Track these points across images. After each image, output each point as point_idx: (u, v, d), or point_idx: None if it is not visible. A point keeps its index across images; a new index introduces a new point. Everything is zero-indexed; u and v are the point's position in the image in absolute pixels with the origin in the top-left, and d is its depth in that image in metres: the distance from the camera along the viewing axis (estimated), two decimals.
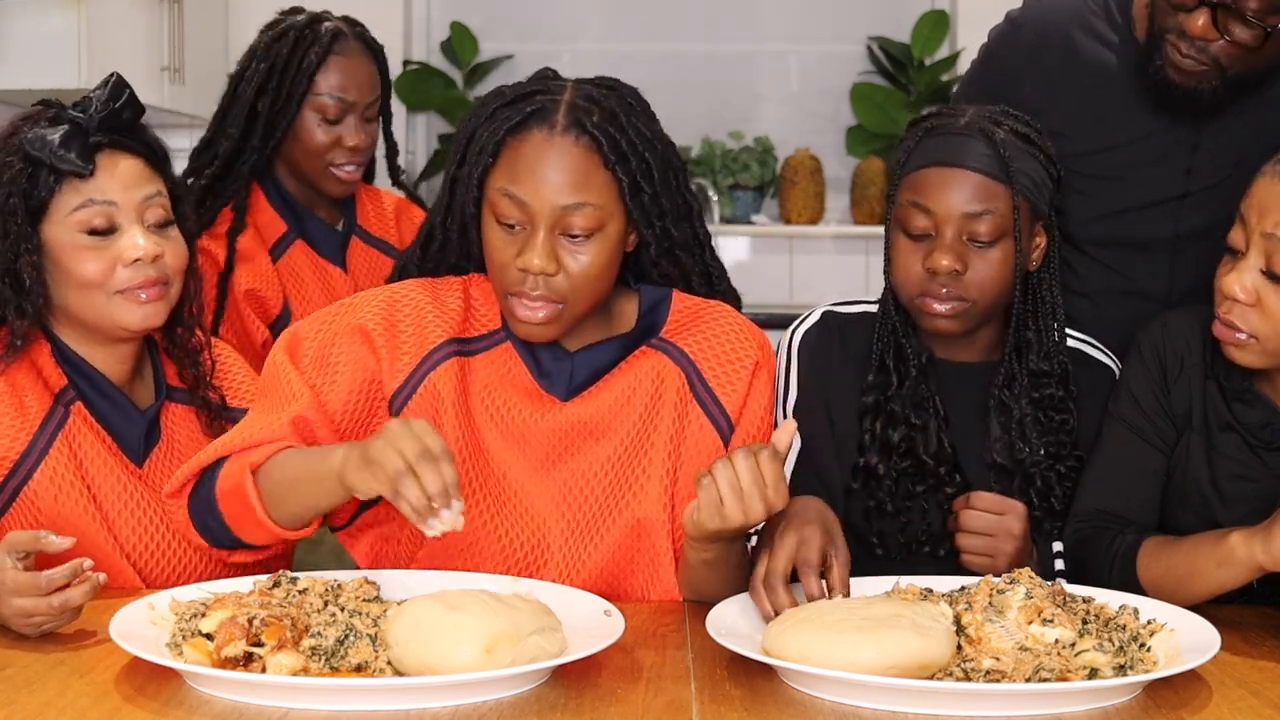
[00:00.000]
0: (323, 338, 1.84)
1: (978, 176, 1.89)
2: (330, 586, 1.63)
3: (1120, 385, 1.96)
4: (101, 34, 3.81)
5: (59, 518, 1.84)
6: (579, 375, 1.85)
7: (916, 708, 1.44)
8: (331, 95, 2.57)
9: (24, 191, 1.85)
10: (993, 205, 1.88)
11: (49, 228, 1.86)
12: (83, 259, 1.86)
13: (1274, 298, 1.72)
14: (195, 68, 4.34)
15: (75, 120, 1.87)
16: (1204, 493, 1.86)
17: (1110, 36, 2.22)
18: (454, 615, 1.49)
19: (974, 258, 1.89)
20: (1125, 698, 1.49)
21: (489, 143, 1.76)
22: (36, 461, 1.85)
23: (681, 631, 1.71)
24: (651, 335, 1.88)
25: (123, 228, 1.88)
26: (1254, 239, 1.73)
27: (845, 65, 4.93)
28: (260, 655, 1.49)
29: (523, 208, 1.74)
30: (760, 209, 4.98)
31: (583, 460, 1.83)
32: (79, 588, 1.61)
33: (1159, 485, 1.89)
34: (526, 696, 1.47)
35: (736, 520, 1.62)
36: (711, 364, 1.87)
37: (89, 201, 1.86)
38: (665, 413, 1.84)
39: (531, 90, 1.79)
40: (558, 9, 5.05)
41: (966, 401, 1.98)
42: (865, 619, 1.52)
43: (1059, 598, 1.60)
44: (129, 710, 1.43)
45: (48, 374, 1.90)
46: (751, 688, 1.51)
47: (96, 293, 1.87)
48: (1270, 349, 1.75)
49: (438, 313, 1.85)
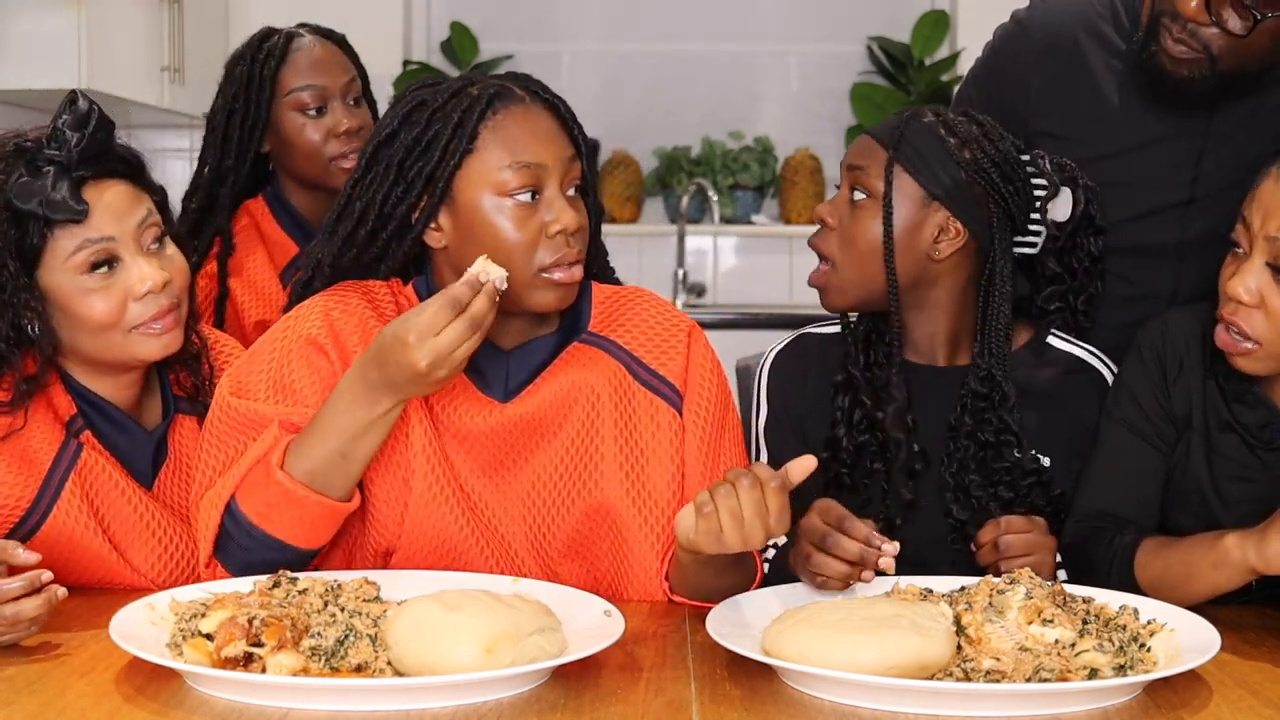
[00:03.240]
0: (273, 366, 1.80)
1: (868, 139, 2.01)
2: (330, 587, 1.63)
3: (1119, 385, 1.96)
4: (101, 34, 3.81)
5: (73, 555, 1.82)
6: (518, 374, 1.84)
7: (916, 708, 1.44)
8: (303, 86, 2.54)
9: (16, 244, 1.76)
10: (865, 162, 1.99)
11: (47, 275, 1.79)
12: (90, 301, 1.79)
13: (1278, 300, 1.72)
14: (195, 68, 4.33)
15: (54, 160, 1.77)
16: (1203, 493, 1.86)
17: (1117, 42, 2.23)
18: (454, 615, 1.49)
19: (847, 213, 1.99)
20: (1125, 698, 1.49)
21: (459, 135, 1.75)
22: (50, 504, 1.81)
23: (681, 631, 1.71)
24: (579, 330, 1.88)
25: (124, 259, 1.81)
26: (1258, 241, 1.73)
27: (845, 65, 4.93)
28: (260, 655, 1.49)
29: (536, 171, 1.74)
30: (760, 209, 4.98)
31: (533, 461, 1.82)
32: (32, 600, 1.58)
33: (1159, 486, 1.89)
34: (526, 696, 1.47)
35: (735, 548, 1.60)
36: (647, 348, 1.88)
37: (86, 242, 1.78)
38: (609, 405, 1.83)
39: (461, 85, 1.80)
40: (558, 9, 5.05)
41: (934, 404, 2.00)
42: (865, 619, 1.52)
43: (1059, 598, 1.60)
44: (129, 710, 1.43)
45: (57, 403, 1.86)
46: (751, 688, 1.51)
47: (111, 333, 1.81)
48: (1275, 353, 1.75)
49: (378, 317, 1.83)
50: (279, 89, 2.54)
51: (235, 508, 1.73)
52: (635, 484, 1.82)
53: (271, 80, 2.54)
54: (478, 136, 1.75)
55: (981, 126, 2.00)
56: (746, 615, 1.66)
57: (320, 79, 2.55)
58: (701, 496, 1.59)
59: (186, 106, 4.33)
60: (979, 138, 1.98)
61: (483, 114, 1.76)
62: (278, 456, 1.72)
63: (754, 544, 1.59)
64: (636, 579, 1.83)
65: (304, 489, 1.70)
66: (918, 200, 1.96)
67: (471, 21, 4.94)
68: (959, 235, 1.97)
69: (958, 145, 1.97)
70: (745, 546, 1.59)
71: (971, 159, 1.96)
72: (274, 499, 1.71)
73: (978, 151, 1.97)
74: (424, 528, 1.80)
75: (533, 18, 5.04)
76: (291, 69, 2.55)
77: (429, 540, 1.80)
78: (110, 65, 3.88)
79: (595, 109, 4.99)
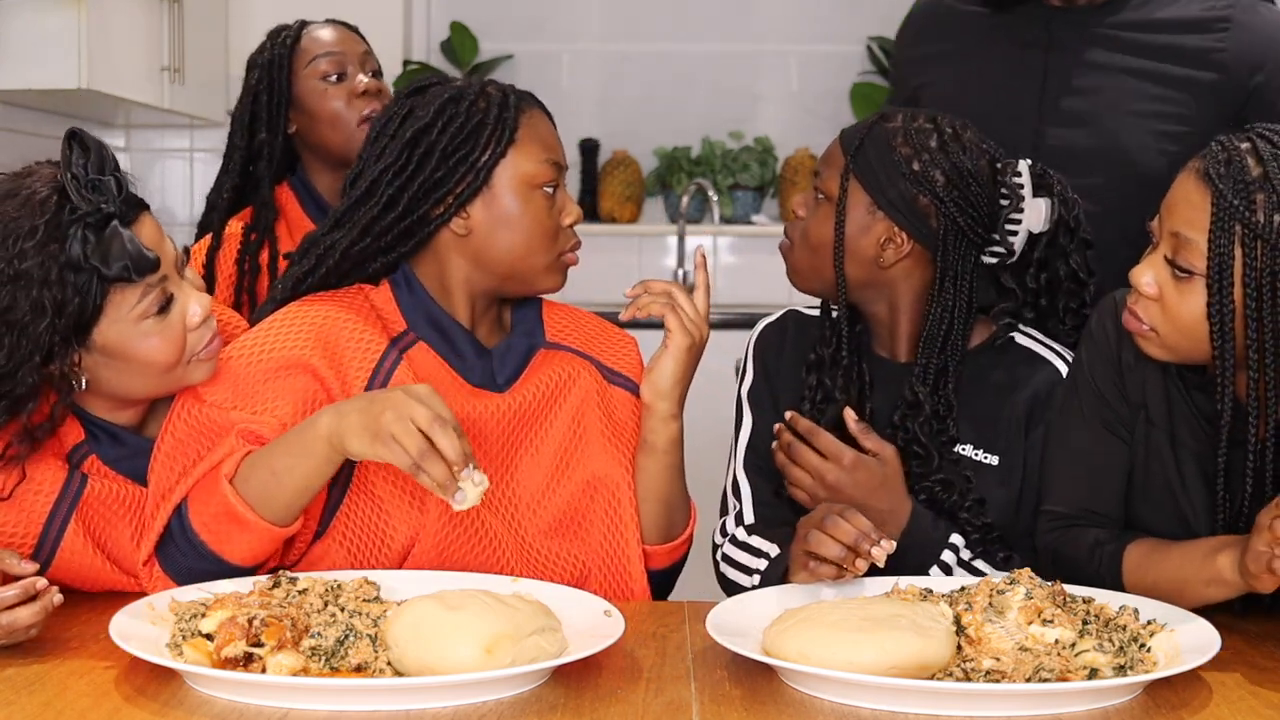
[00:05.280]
0: (248, 380, 1.81)
1: (835, 141, 2.06)
2: (330, 587, 1.63)
3: (1074, 374, 1.94)
4: (101, 34, 3.81)
5: (84, 581, 1.81)
6: (503, 370, 1.94)
7: (916, 708, 1.44)
8: (321, 54, 2.59)
9: (76, 310, 1.68)
10: (826, 166, 2.05)
11: (104, 330, 1.71)
12: (153, 346, 1.74)
13: (1174, 294, 1.73)
14: (195, 68, 4.34)
15: (109, 214, 1.69)
16: (1171, 489, 1.85)
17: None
18: (454, 615, 1.49)
19: (810, 210, 2.05)
20: (1125, 698, 1.49)
21: (503, 126, 1.87)
22: (55, 543, 1.77)
23: (681, 631, 1.72)
24: (538, 337, 2.00)
25: (175, 296, 1.76)
26: (1164, 235, 1.74)
27: (845, 65, 4.93)
28: (260, 655, 1.49)
29: (559, 169, 1.92)
30: (760, 209, 4.98)
31: (533, 444, 1.92)
32: (29, 607, 1.57)
33: (1124, 473, 1.89)
34: (526, 696, 1.47)
35: (699, 334, 1.89)
36: (604, 352, 2.04)
37: (146, 289, 1.72)
38: (593, 394, 1.97)
39: (482, 85, 1.92)
40: (558, 9, 5.05)
41: (892, 398, 2.02)
42: (865, 619, 1.52)
43: (1059, 598, 1.60)
44: (129, 710, 1.43)
45: (63, 433, 1.81)
46: (751, 688, 1.51)
47: (175, 369, 1.77)
48: (1169, 344, 1.76)
49: (364, 321, 1.88)
50: (298, 64, 2.60)
51: (184, 511, 1.74)
52: (624, 460, 1.95)
53: (289, 56, 2.59)
54: (519, 129, 1.89)
55: (943, 136, 2.00)
56: (746, 615, 1.67)
57: (338, 46, 2.62)
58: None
59: (186, 106, 4.33)
60: (934, 149, 1.98)
61: (518, 110, 1.89)
62: (230, 467, 1.72)
63: (703, 328, 1.91)
64: (628, 546, 1.92)
65: (242, 504, 1.70)
66: (866, 207, 2.00)
67: (471, 21, 4.94)
68: (904, 244, 1.99)
69: (909, 156, 1.98)
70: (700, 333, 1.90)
71: (920, 171, 1.97)
72: (217, 509, 1.72)
73: (929, 164, 1.97)
74: (443, 521, 1.82)
75: (533, 18, 5.03)
76: (309, 41, 2.63)
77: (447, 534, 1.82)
78: (110, 65, 3.88)
79: (595, 109, 4.99)
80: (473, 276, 1.91)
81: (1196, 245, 1.69)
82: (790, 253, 2.08)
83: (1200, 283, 1.70)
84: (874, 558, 1.69)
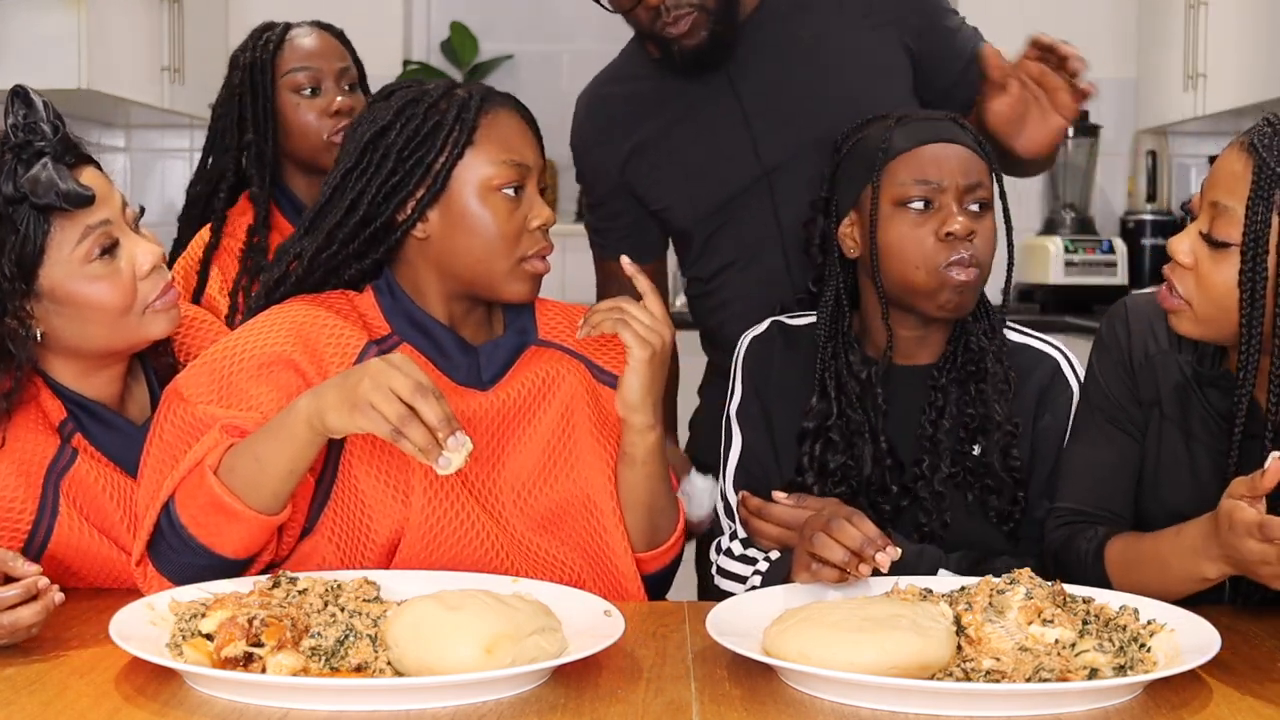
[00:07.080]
0: (231, 379, 1.81)
1: (966, 151, 1.98)
2: (330, 587, 1.63)
3: (1088, 380, 1.95)
4: (101, 34, 3.82)
5: (83, 561, 1.82)
6: (489, 367, 1.93)
7: (916, 708, 1.44)
8: (298, 68, 2.60)
9: (17, 249, 1.73)
10: (981, 178, 1.98)
11: (49, 271, 1.75)
12: (100, 290, 1.77)
13: (1209, 264, 1.73)
14: (195, 68, 4.34)
15: (43, 150, 1.73)
16: (1181, 478, 1.85)
17: (643, 69, 2.41)
18: (454, 615, 1.49)
19: (976, 225, 1.96)
20: (1125, 698, 1.49)
21: (460, 127, 1.84)
22: (52, 515, 1.79)
23: (681, 631, 1.72)
24: (530, 335, 1.98)
25: (122, 242, 1.79)
26: (1204, 205, 1.75)
27: None
28: (260, 655, 1.49)
29: (522, 169, 1.86)
30: None
31: (517, 444, 1.90)
32: (30, 606, 1.57)
33: (1134, 473, 1.89)
34: (526, 696, 1.47)
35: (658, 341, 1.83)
36: (597, 351, 2.00)
37: (88, 230, 1.76)
38: (581, 393, 1.94)
39: (448, 86, 1.90)
40: (558, 9, 5.05)
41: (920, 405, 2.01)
42: (865, 619, 1.52)
43: (1059, 598, 1.60)
44: (129, 710, 1.43)
45: (48, 408, 1.83)
46: (751, 688, 1.51)
47: (127, 317, 1.79)
48: (1201, 316, 1.76)
49: (343, 319, 1.87)
50: (276, 72, 2.61)
51: (172, 508, 1.73)
52: (612, 459, 1.92)
53: (270, 64, 2.60)
54: (476, 130, 1.85)
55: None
56: (746, 615, 1.66)
57: (314, 61, 2.61)
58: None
59: (186, 106, 4.33)
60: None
61: (478, 110, 1.86)
62: (214, 459, 1.72)
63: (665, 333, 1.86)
64: (615, 544, 1.90)
65: (229, 494, 1.70)
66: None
67: (471, 21, 4.94)
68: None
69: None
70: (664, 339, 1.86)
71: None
72: (204, 502, 1.71)
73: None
74: (427, 514, 1.82)
75: (533, 18, 5.04)
76: (288, 52, 2.62)
77: (433, 528, 1.82)
78: (110, 65, 3.89)
79: None
80: (443, 282, 1.89)
81: (1234, 213, 1.70)
82: (973, 293, 1.97)
83: (1235, 254, 1.70)
84: (878, 564, 1.68)
